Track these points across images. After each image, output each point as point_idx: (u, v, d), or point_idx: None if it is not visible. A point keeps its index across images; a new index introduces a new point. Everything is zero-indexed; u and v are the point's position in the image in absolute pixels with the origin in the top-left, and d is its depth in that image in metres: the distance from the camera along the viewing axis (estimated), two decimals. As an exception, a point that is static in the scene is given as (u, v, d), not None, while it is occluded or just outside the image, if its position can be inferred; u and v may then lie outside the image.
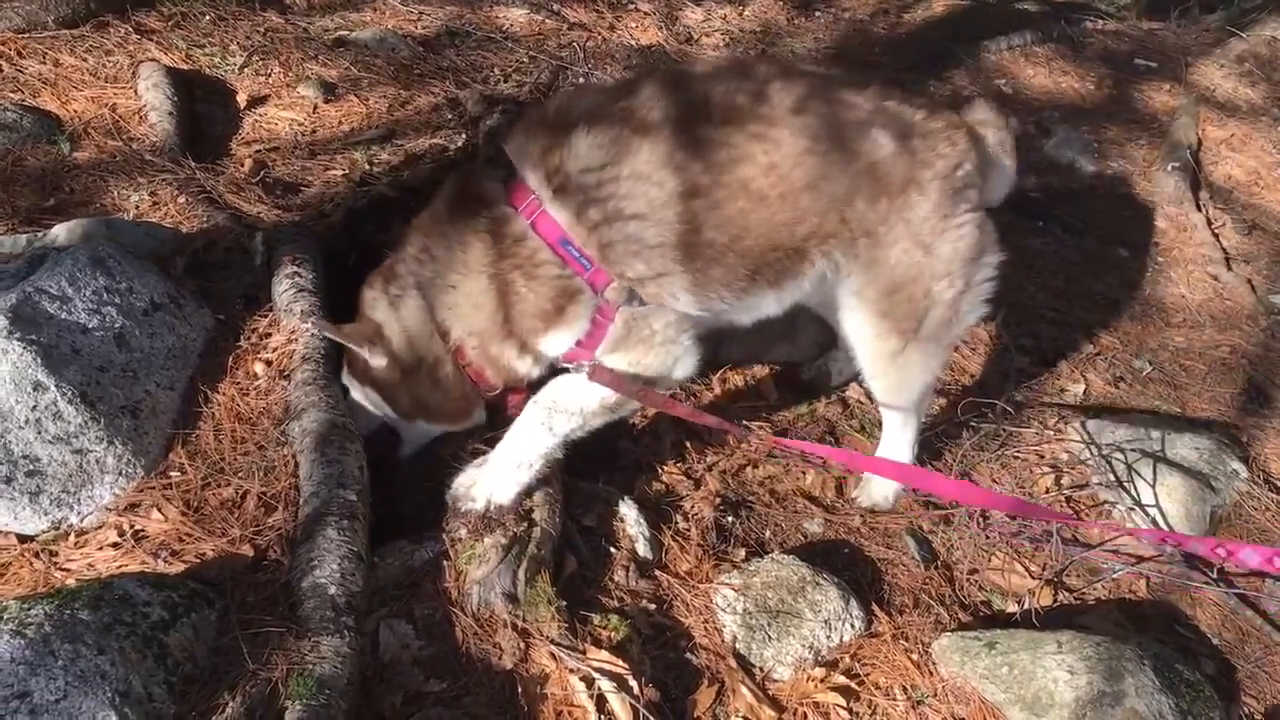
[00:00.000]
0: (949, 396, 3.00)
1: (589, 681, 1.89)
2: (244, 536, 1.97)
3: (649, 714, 1.85)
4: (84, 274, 2.16)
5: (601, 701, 1.87)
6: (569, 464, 2.33)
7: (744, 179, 2.13)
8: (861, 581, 2.36)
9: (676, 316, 2.23)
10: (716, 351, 2.88)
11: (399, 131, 3.33)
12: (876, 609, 2.27)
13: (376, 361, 2.30)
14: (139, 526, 1.99)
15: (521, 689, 1.88)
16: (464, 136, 3.30)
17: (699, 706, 1.98)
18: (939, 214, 2.27)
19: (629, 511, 2.33)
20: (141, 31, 3.48)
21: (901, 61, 5.04)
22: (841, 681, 2.09)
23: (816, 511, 2.55)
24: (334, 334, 2.29)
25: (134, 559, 1.93)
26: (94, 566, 1.91)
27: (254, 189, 2.89)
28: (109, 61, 3.29)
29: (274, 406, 2.25)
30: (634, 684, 1.90)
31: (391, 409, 2.40)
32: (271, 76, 3.47)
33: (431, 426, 2.47)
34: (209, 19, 3.66)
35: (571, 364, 2.23)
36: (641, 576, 2.21)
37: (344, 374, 2.43)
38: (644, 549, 2.26)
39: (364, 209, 2.90)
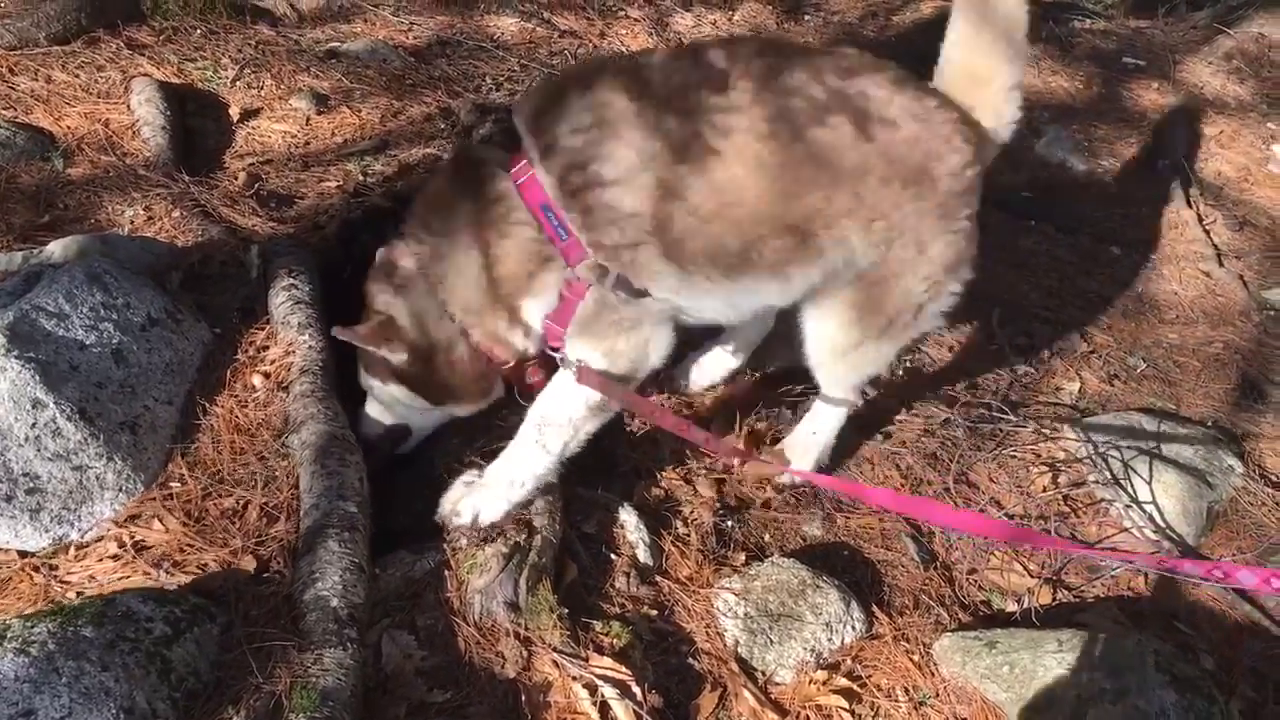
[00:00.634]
0: (944, 397, 3.01)
1: (592, 689, 1.90)
2: (246, 547, 1.98)
3: (652, 720, 1.85)
4: (80, 290, 2.17)
5: (605, 708, 1.88)
6: (568, 472, 2.33)
7: (739, 146, 2.02)
8: (862, 583, 2.37)
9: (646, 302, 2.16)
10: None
11: (392, 142, 3.33)
12: (877, 610, 2.28)
13: (396, 357, 2.26)
14: (140, 537, 2.00)
15: (525, 698, 1.89)
16: (457, 146, 3.31)
17: (702, 711, 1.98)
18: (941, 213, 2.19)
19: (629, 518, 2.33)
20: (133, 46, 3.49)
21: (891, 64, 5.06)
22: (843, 684, 2.10)
23: (816, 513, 2.56)
24: (350, 338, 2.25)
25: (135, 570, 1.93)
26: (95, 579, 1.92)
27: (248, 202, 2.90)
28: (101, 77, 3.30)
29: (273, 418, 2.25)
30: (637, 690, 1.90)
31: (423, 399, 2.37)
32: (264, 89, 3.48)
33: (456, 410, 2.44)
34: (200, 33, 3.67)
35: (557, 349, 2.20)
36: (642, 582, 2.22)
37: (362, 376, 2.40)
38: (644, 555, 2.27)
39: (359, 220, 2.90)
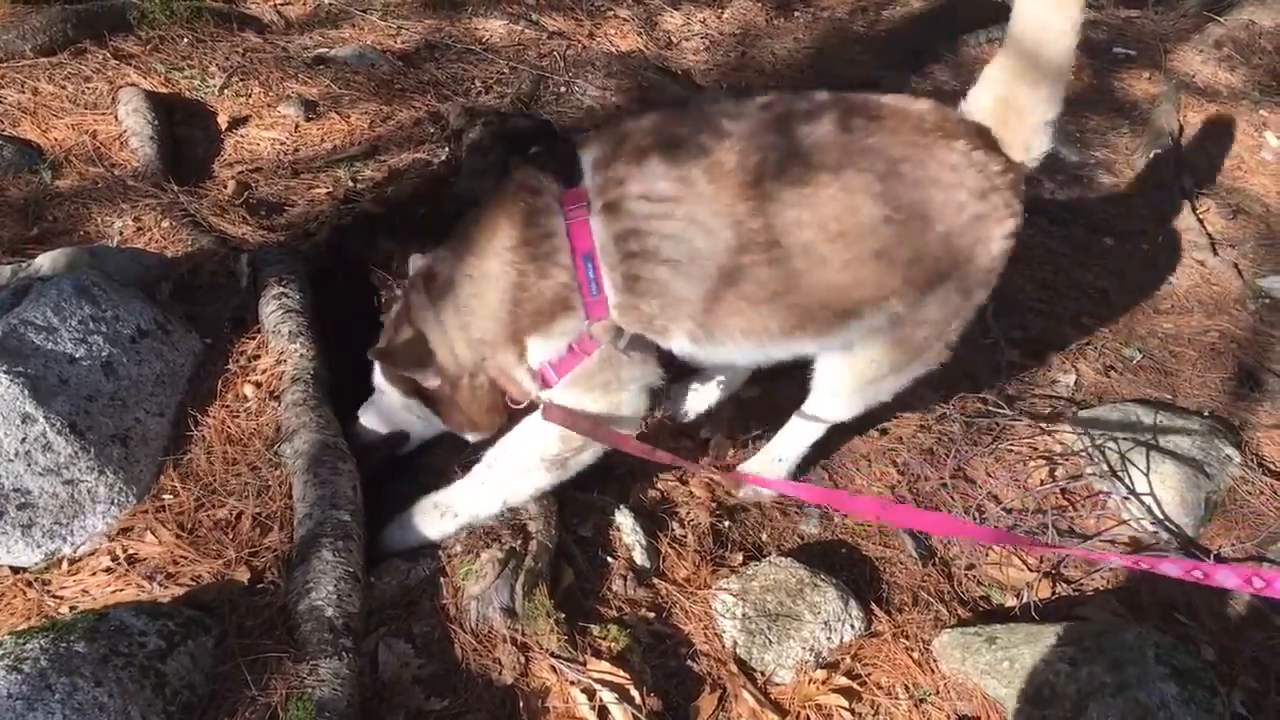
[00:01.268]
0: (940, 392, 3.00)
1: (590, 693, 1.89)
2: (239, 558, 1.96)
3: (651, 723, 1.85)
4: (69, 303, 2.15)
5: (604, 713, 1.87)
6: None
7: (807, 241, 1.97)
8: (860, 581, 2.36)
9: (646, 369, 2.16)
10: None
11: (382, 147, 3.32)
12: (876, 608, 2.27)
13: (430, 382, 2.21)
14: (132, 550, 1.98)
15: (523, 703, 1.88)
16: (447, 150, 3.29)
17: (701, 713, 1.98)
18: (982, 279, 2.15)
19: (625, 520, 2.32)
20: (120, 57, 3.47)
21: (882, 59, 5.05)
22: (843, 682, 2.10)
23: (812, 512, 2.55)
24: (387, 362, 2.23)
25: (128, 583, 1.91)
26: (88, 592, 1.91)
27: (238, 210, 2.89)
28: (88, 88, 3.28)
29: (265, 428, 2.24)
30: (635, 694, 1.90)
31: (438, 418, 2.32)
32: (252, 97, 3.47)
33: (466, 434, 2.37)
34: (187, 41, 3.66)
35: (541, 393, 2.17)
36: (639, 585, 2.21)
37: (377, 378, 2.36)
38: (641, 557, 2.26)
39: (349, 226, 2.89)
